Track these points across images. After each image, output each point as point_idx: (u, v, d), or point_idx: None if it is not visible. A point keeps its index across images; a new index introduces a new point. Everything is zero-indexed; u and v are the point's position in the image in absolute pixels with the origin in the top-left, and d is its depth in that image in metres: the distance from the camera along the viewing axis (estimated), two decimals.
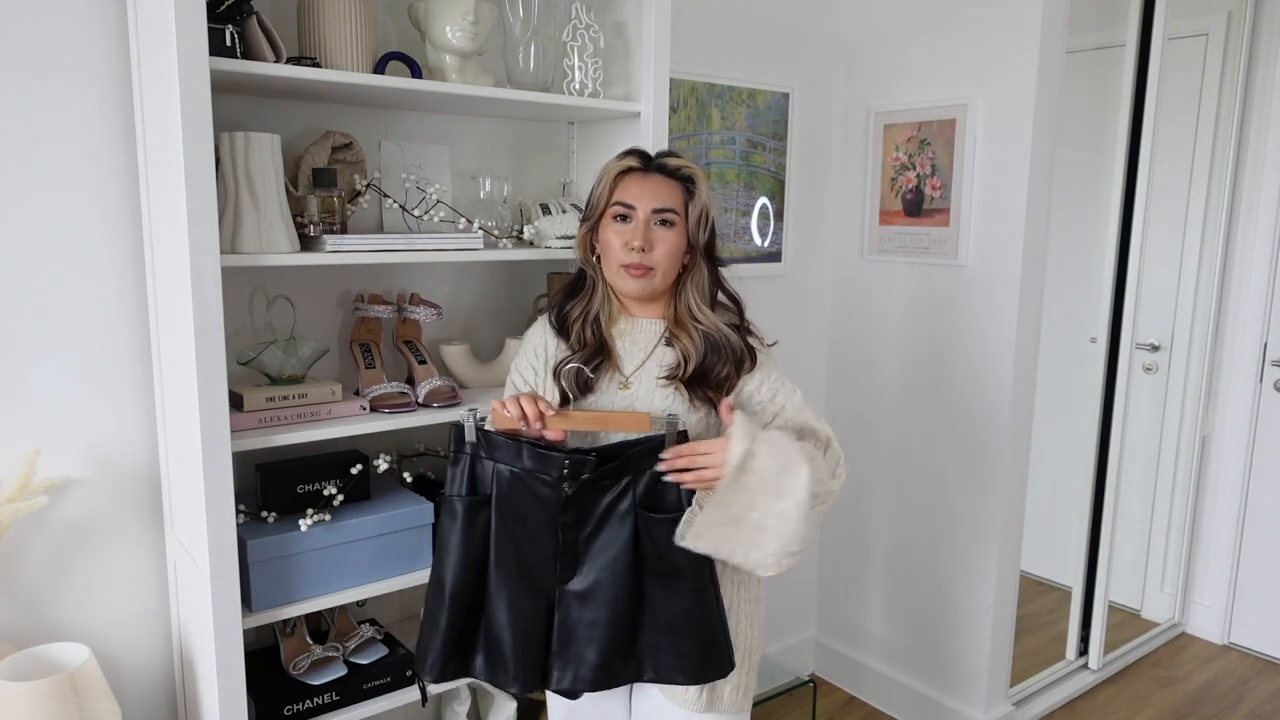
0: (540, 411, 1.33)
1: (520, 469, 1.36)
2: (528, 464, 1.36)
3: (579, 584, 1.36)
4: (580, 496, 1.35)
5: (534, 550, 1.37)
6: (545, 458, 1.35)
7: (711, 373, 1.43)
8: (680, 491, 1.34)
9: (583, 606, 1.36)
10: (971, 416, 2.48)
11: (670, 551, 1.33)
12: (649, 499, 1.35)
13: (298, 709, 1.66)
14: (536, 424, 1.34)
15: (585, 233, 1.49)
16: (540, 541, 1.37)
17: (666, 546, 1.33)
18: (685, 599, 1.36)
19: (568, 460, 1.34)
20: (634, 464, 1.35)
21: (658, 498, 1.35)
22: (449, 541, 1.38)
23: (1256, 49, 3.04)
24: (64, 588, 1.64)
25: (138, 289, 1.64)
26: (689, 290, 1.46)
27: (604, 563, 1.36)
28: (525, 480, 1.36)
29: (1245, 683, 3.03)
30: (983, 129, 2.38)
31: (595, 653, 1.36)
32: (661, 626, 1.37)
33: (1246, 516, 3.21)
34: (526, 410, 1.33)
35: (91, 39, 1.55)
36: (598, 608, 1.35)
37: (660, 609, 1.37)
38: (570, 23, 1.84)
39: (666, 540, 1.33)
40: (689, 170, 1.46)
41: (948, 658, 2.61)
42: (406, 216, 1.80)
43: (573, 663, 1.37)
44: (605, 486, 1.36)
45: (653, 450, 1.34)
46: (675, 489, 1.34)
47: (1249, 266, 3.13)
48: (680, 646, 1.37)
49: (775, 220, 2.66)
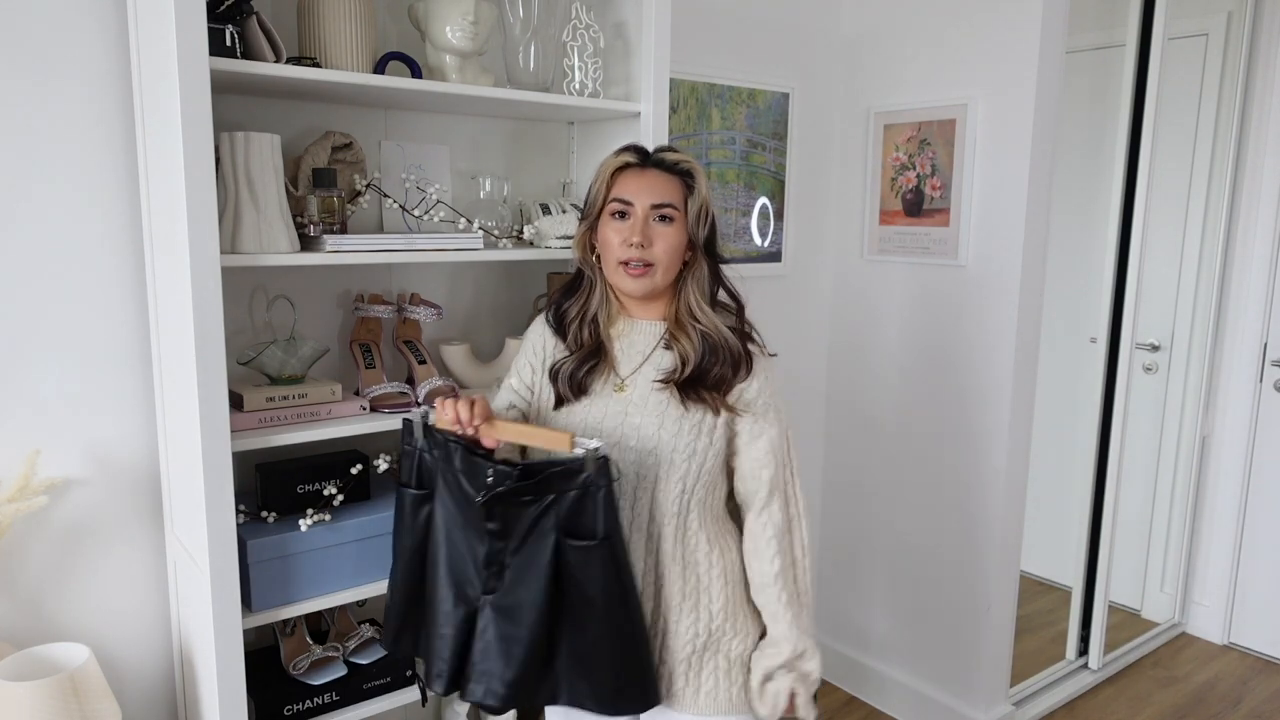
0: (472, 417, 1.31)
1: (454, 471, 1.35)
2: (459, 467, 1.34)
3: (501, 599, 1.33)
4: (503, 508, 1.31)
5: (464, 554, 1.36)
6: (473, 464, 1.33)
7: (708, 374, 1.40)
8: (598, 519, 1.29)
9: (503, 621, 1.33)
10: (971, 416, 2.48)
11: (585, 580, 1.29)
12: (570, 522, 1.30)
13: (298, 709, 1.66)
14: (469, 429, 1.32)
15: (584, 231, 1.47)
16: (471, 545, 1.35)
17: (581, 573, 1.29)
18: (598, 629, 1.31)
19: (492, 470, 1.31)
20: (554, 483, 1.30)
21: (578, 522, 1.30)
22: (398, 529, 1.43)
23: (1256, 49, 3.04)
24: (64, 588, 1.63)
25: (138, 289, 1.64)
26: (690, 287, 1.44)
27: (525, 580, 1.32)
28: (459, 484, 1.35)
29: (1245, 683, 3.03)
30: (983, 129, 2.38)
31: (510, 669, 1.32)
32: (576, 652, 1.33)
33: (1246, 516, 3.21)
34: (461, 414, 1.31)
35: (91, 39, 1.55)
36: (517, 625, 1.32)
37: (576, 635, 1.32)
38: (570, 23, 1.84)
39: (581, 567, 1.29)
40: (687, 165, 1.44)
41: (948, 658, 2.61)
42: (406, 216, 1.80)
43: (487, 676, 1.34)
44: (527, 502, 1.31)
45: (573, 473, 1.28)
46: (594, 516, 1.29)
47: (1249, 266, 3.13)
48: (592, 675, 1.33)
49: (775, 220, 2.66)
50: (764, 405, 1.44)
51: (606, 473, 1.28)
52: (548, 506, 1.30)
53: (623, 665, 1.33)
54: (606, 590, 1.29)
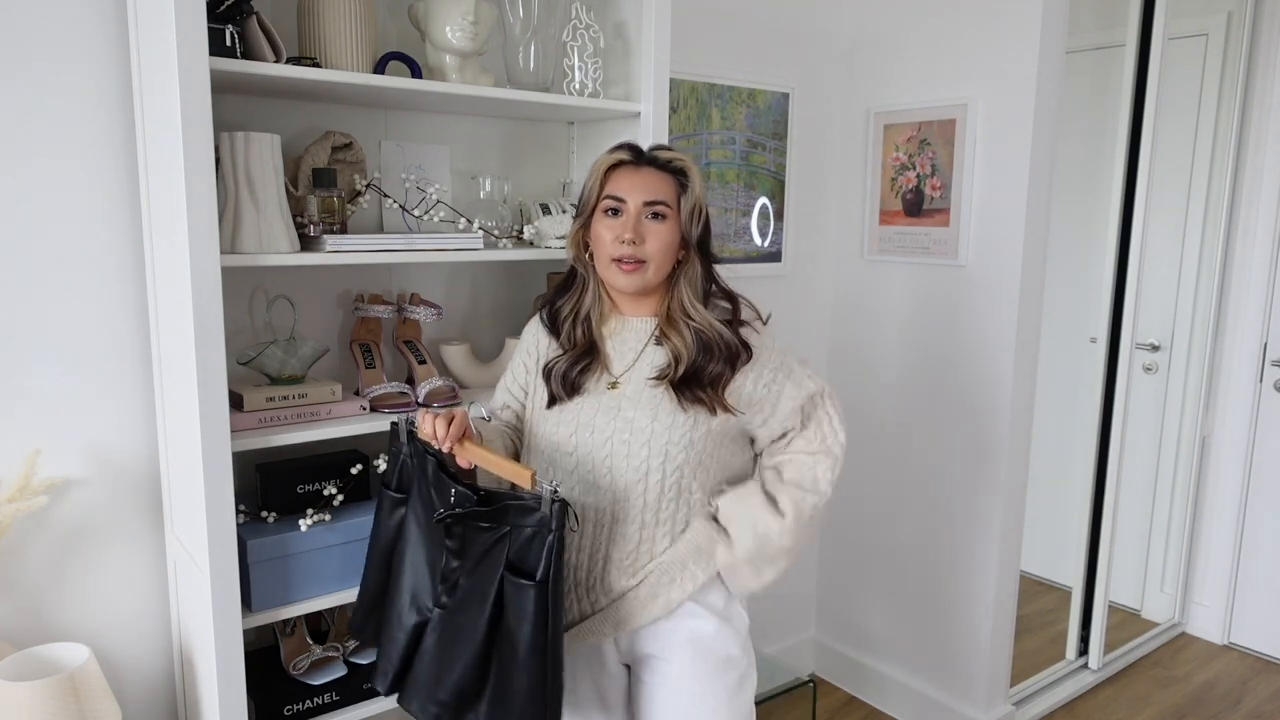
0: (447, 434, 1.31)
1: (426, 483, 1.37)
2: (430, 480, 1.37)
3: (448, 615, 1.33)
4: (461, 529, 1.32)
5: (424, 565, 1.38)
6: (441, 481, 1.35)
7: (703, 372, 1.40)
8: (541, 562, 1.27)
9: (446, 637, 1.33)
10: (971, 416, 2.48)
11: (515, 620, 1.28)
12: (518, 558, 1.29)
13: (298, 709, 1.66)
14: (444, 447, 1.32)
15: (577, 229, 1.47)
16: (432, 558, 1.36)
17: (513, 612, 1.28)
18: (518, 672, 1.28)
19: (455, 490, 1.32)
20: (510, 516, 1.30)
21: (524, 560, 1.29)
22: (375, 526, 1.49)
23: (1256, 49, 3.04)
24: (64, 588, 1.63)
25: (138, 289, 1.64)
26: (682, 286, 1.44)
27: (471, 603, 1.31)
28: (430, 495, 1.37)
29: (1245, 683, 3.03)
30: (983, 129, 2.38)
31: (443, 690, 1.32)
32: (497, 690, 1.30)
33: (1246, 516, 3.21)
34: (437, 431, 1.32)
35: (91, 39, 1.55)
36: (456, 645, 1.31)
37: (500, 671, 1.30)
38: (570, 23, 1.84)
39: (515, 605, 1.27)
40: (680, 162, 1.43)
41: (948, 658, 2.61)
42: (406, 216, 1.80)
43: (423, 688, 1.34)
44: (485, 528, 1.31)
45: (528, 509, 1.28)
46: (538, 557, 1.27)
47: (1249, 266, 3.13)
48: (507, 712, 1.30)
49: (775, 220, 2.66)
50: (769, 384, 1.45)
51: (560, 518, 1.26)
52: (502, 537, 1.30)
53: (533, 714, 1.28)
54: (531, 636, 1.26)
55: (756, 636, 1.84)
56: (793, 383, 1.46)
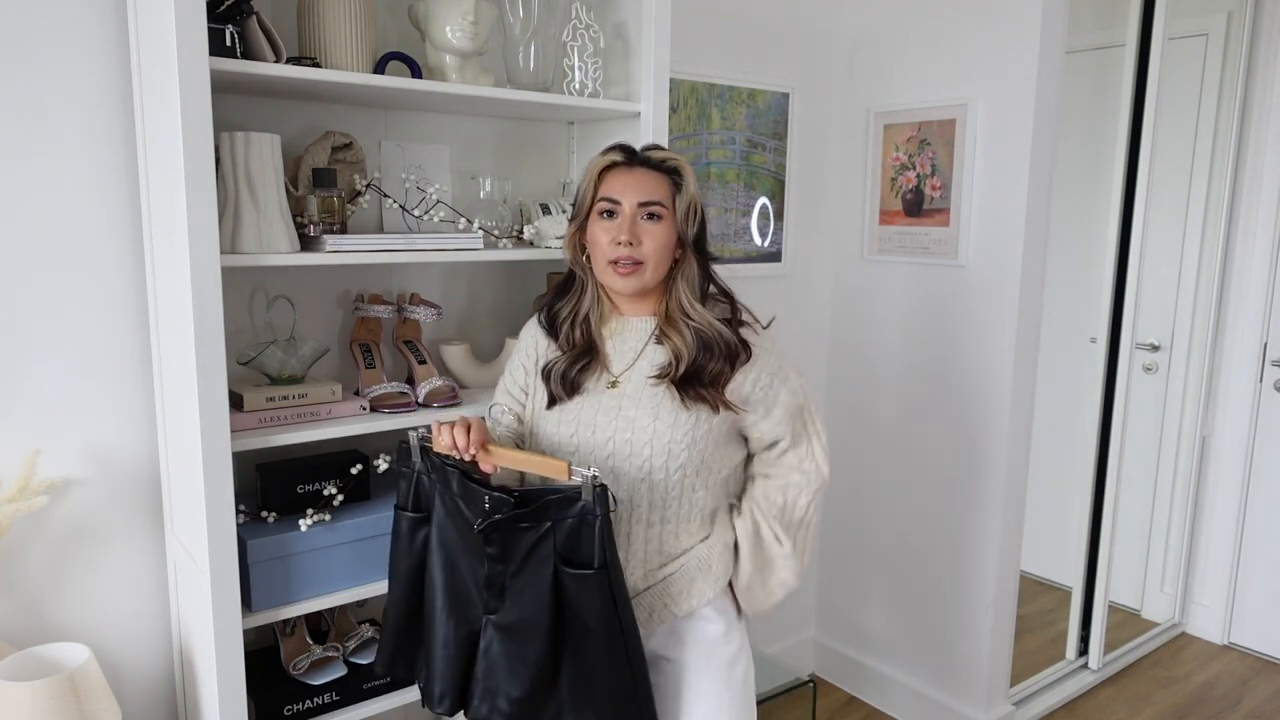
0: (469, 443, 1.31)
1: (454, 495, 1.35)
2: (457, 492, 1.35)
3: (503, 617, 1.33)
4: (500, 534, 1.31)
5: (464, 575, 1.36)
6: (470, 490, 1.33)
7: (704, 370, 1.40)
8: (594, 549, 1.28)
9: (507, 640, 1.33)
10: (971, 416, 2.48)
11: (582, 608, 1.28)
12: (567, 549, 1.29)
13: (298, 709, 1.66)
14: (466, 456, 1.31)
15: (573, 232, 1.47)
16: (470, 568, 1.35)
17: (579, 602, 1.29)
18: (597, 657, 1.30)
19: (489, 496, 1.31)
20: (550, 510, 1.30)
21: (575, 550, 1.29)
22: (392, 553, 1.43)
23: (1256, 49, 3.04)
24: (64, 588, 1.63)
25: (138, 289, 1.64)
26: (680, 285, 1.44)
27: (526, 601, 1.31)
28: (457, 507, 1.35)
29: (1245, 683, 3.03)
30: (983, 129, 2.38)
31: (515, 688, 1.32)
32: (577, 676, 1.32)
33: (1246, 516, 3.21)
34: (458, 440, 1.31)
35: (91, 39, 1.55)
36: (521, 644, 1.32)
37: (576, 659, 1.32)
38: (570, 23, 1.84)
39: (578, 596, 1.28)
40: (674, 162, 1.43)
41: (948, 658, 2.61)
42: (406, 216, 1.80)
43: (491, 694, 1.35)
44: (525, 529, 1.31)
45: (569, 501, 1.28)
46: (591, 545, 1.28)
47: (1249, 266, 3.13)
48: (594, 703, 1.32)
49: (775, 220, 2.66)
50: (766, 385, 1.45)
51: (604, 501, 1.26)
52: (545, 533, 1.30)
53: (621, 698, 1.31)
54: (604, 620, 1.28)
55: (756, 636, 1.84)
56: (788, 390, 1.47)
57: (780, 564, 1.49)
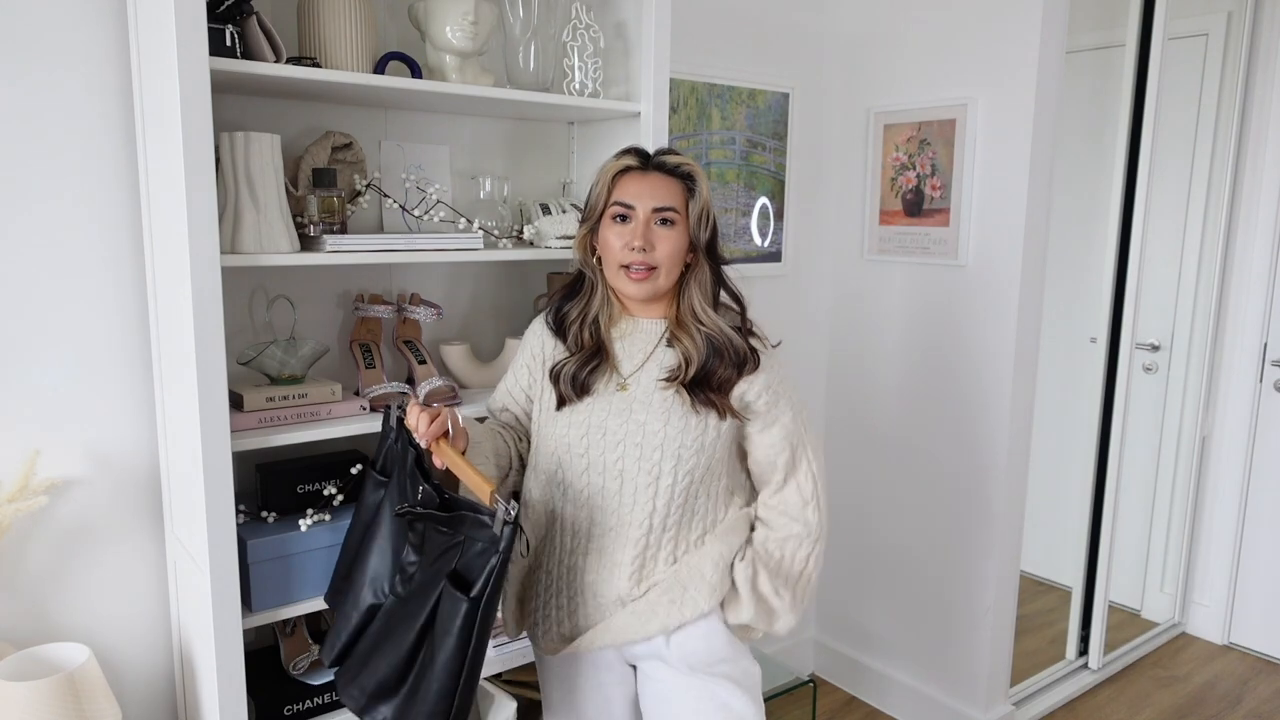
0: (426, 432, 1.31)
1: (403, 473, 1.38)
2: (407, 472, 1.37)
3: (398, 606, 1.33)
4: (425, 528, 1.32)
5: (388, 552, 1.38)
6: (414, 475, 1.35)
7: (713, 375, 1.41)
8: (481, 579, 1.26)
9: (386, 627, 1.33)
10: (972, 417, 2.48)
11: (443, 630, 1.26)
12: (463, 568, 1.28)
13: (298, 709, 1.66)
14: (422, 443, 1.33)
15: (584, 234, 1.48)
16: (396, 546, 1.37)
17: (444, 621, 1.26)
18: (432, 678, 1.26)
19: (424, 488, 1.33)
20: (465, 526, 1.29)
21: (468, 572, 1.27)
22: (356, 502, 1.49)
23: (1256, 49, 3.04)
24: (64, 588, 1.63)
25: (138, 289, 1.64)
26: (692, 290, 1.45)
27: (417, 601, 1.31)
28: (404, 485, 1.37)
29: (1245, 683, 3.03)
30: (983, 129, 2.38)
31: (370, 678, 1.32)
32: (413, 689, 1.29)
33: (1246, 516, 3.21)
34: (420, 425, 1.32)
35: (91, 39, 1.55)
36: (394, 639, 1.31)
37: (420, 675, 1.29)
38: (570, 23, 1.84)
39: (447, 615, 1.25)
40: (688, 168, 1.44)
41: (948, 658, 2.61)
42: (406, 216, 1.80)
43: (353, 670, 1.36)
44: (443, 532, 1.31)
45: (481, 524, 1.27)
46: (480, 574, 1.26)
47: (1249, 266, 3.13)
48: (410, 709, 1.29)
49: (775, 220, 2.66)
50: (770, 400, 1.45)
51: (511, 541, 1.24)
52: (457, 544, 1.29)
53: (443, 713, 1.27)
54: (453, 650, 1.24)
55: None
56: (792, 410, 1.48)
57: (780, 614, 1.50)
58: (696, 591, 1.43)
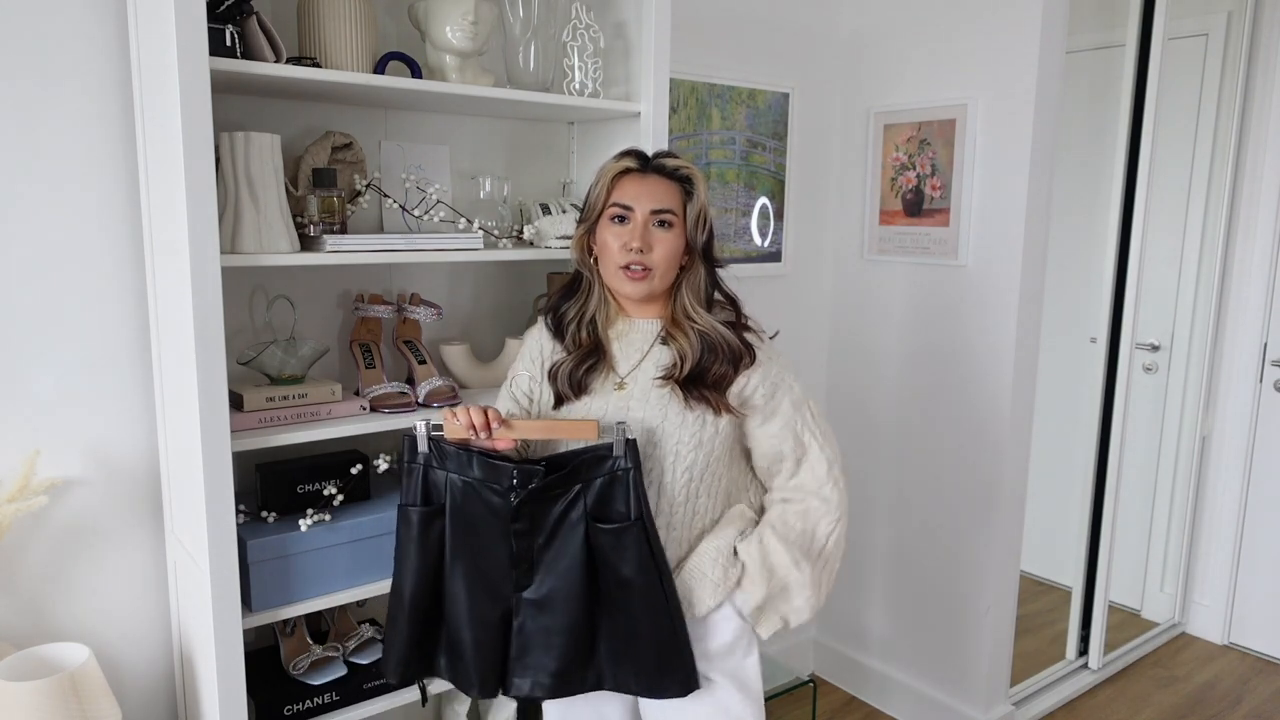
0: (487, 422, 1.34)
1: (471, 479, 1.37)
2: (478, 474, 1.36)
3: (535, 592, 1.36)
4: (531, 506, 1.34)
5: (489, 558, 1.37)
6: (495, 468, 1.35)
7: (708, 372, 1.42)
8: (629, 502, 1.32)
9: (539, 614, 1.36)
10: (972, 417, 2.48)
11: (620, 562, 1.32)
12: (598, 508, 1.34)
13: (298, 709, 1.66)
14: (484, 434, 1.34)
15: (582, 234, 1.49)
16: (495, 549, 1.37)
17: (615, 557, 1.33)
18: (637, 611, 1.34)
19: (516, 470, 1.34)
20: (582, 472, 1.34)
21: (607, 507, 1.34)
22: (406, 551, 1.41)
23: (1256, 49, 3.04)
24: (64, 588, 1.63)
25: (138, 289, 1.64)
26: (685, 291, 1.47)
27: (558, 571, 1.35)
28: (477, 490, 1.37)
29: (1245, 683, 3.03)
30: (983, 129, 2.38)
31: (553, 660, 1.35)
32: (618, 637, 1.36)
33: (1246, 516, 3.21)
34: (475, 420, 1.34)
35: (91, 39, 1.55)
36: (554, 615, 1.35)
37: (615, 619, 1.36)
38: (570, 23, 1.84)
39: (614, 550, 1.32)
40: (687, 170, 1.46)
41: (948, 658, 2.61)
42: (406, 216, 1.80)
43: (531, 669, 1.37)
44: (555, 496, 1.34)
45: (601, 458, 1.32)
46: (625, 499, 1.32)
47: (1249, 266, 3.13)
48: (635, 658, 1.36)
49: (775, 220, 2.66)
50: (767, 393, 1.46)
51: (635, 455, 1.32)
52: (575, 497, 1.35)
53: (664, 646, 1.35)
54: (643, 570, 1.32)
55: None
56: (791, 401, 1.48)
57: (796, 591, 1.46)
58: (702, 590, 1.44)
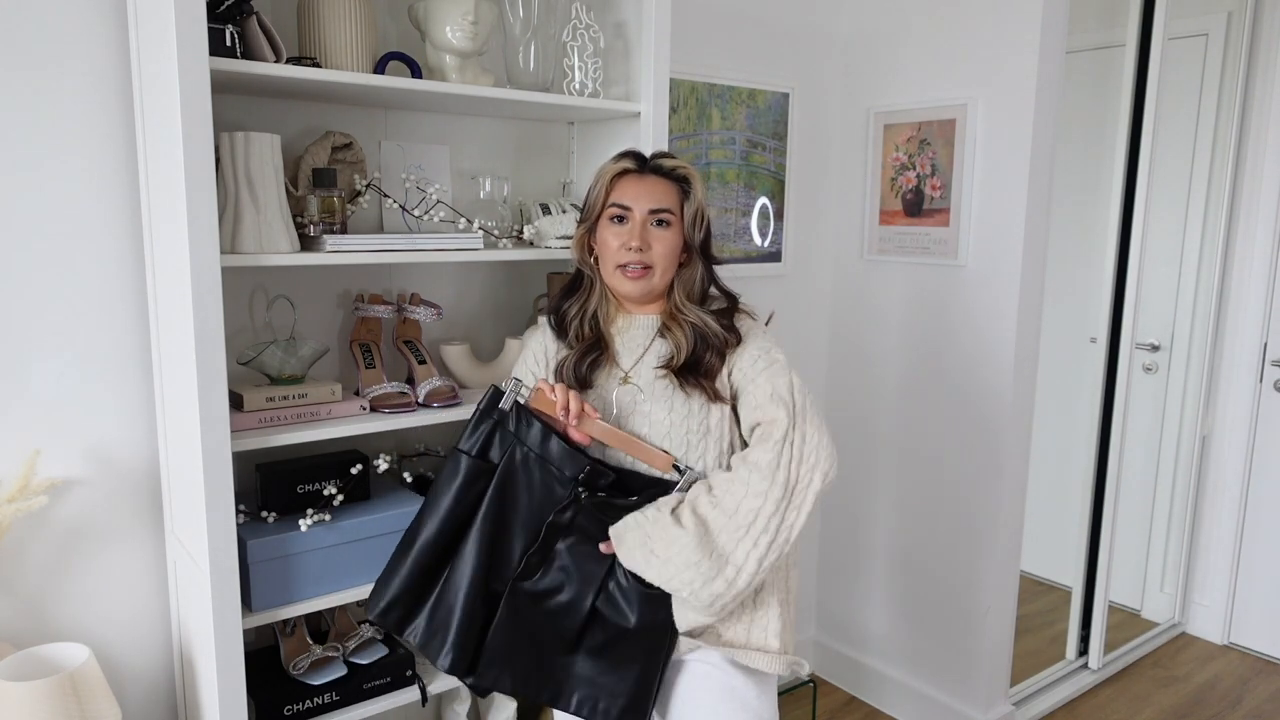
0: (580, 409, 1.38)
1: (539, 455, 1.39)
2: (552, 454, 1.39)
3: (538, 584, 1.38)
4: (586, 506, 1.37)
5: (512, 536, 1.39)
6: (571, 455, 1.38)
7: (701, 361, 1.46)
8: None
9: (533, 609, 1.37)
10: (971, 417, 2.48)
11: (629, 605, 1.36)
12: None
13: (298, 709, 1.66)
14: (572, 420, 1.37)
15: (582, 234, 1.52)
16: (522, 531, 1.39)
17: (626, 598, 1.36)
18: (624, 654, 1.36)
19: (588, 467, 1.37)
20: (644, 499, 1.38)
21: None
22: (440, 494, 1.40)
23: (1256, 49, 3.04)
24: (64, 588, 1.63)
25: (138, 289, 1.64)
26: (678, 288, 1.50)
27: (572, 579, 1.37)
28: (539, 468, 1.39)
29: (1245, 683, 3.03)
30: (983, 129, 2.38)
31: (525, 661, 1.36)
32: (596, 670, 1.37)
33: (1246, 516, 3.21)
34: (571, 404, 1.37)
35: (92, 39, 1.55)
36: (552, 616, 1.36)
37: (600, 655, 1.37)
38: (570, 23, 1.84)
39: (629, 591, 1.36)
40: (684, 171, 1.49)
41: (948, 658, 2.61)
42: (406, 216, 1.80)
43: (498, 663, 1.37)
44: (616, 508, 1.37)
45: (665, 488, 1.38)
46: None
47: (1249, 266, 3.13)
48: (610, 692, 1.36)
49: (775, 220, 2.66)
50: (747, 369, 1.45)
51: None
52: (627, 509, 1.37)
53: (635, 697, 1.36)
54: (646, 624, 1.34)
55: None
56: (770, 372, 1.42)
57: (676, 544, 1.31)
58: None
